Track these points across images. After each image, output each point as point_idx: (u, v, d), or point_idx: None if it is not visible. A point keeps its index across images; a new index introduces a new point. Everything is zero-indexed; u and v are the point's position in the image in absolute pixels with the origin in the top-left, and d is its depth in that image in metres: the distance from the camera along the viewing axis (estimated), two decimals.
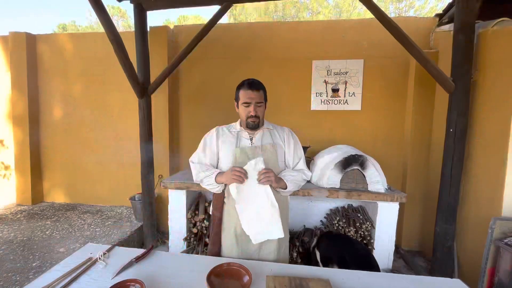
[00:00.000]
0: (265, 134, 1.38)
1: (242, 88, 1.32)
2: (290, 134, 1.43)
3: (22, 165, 3.54)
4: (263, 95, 1.33)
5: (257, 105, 1.30)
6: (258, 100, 1.30)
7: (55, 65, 3.51)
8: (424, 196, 2.87)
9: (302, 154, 1.44)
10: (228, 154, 1.34)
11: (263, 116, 1.37)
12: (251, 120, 1.31)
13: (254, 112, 1.29)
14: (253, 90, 1.29)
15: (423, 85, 2.75)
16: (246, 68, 3.15)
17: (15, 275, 1.99)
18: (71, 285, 1.01)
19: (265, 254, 1.34)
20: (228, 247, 1.35)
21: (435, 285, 1.05)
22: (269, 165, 1.31)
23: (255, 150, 1.32)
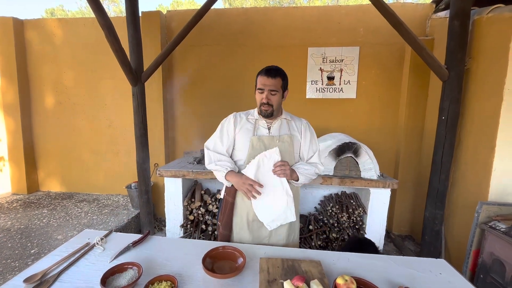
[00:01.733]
0: (283, 124, 1.36)
1: (260, 74, 1.28)
2: (308, 127, 1.41)
3: (16, 154, 3.50)
4: (281, 83, 1.28)
5: (271, 92, 1.25)
6: (273, 87, 1.25)
7: (45, 52, 3.41)
8: (415, 182, 2.95)
9: (317, 147, 1.42)
10: (245, 142, 1.32)
11: (278, 105, 1.31)
12: (264, 108, 1.28)
13: (266, 100, 1.25)
14: (269, 76, 1.25)
15: (418, 73, 2.76)
16: (241, 55, 3.11)
17: (14, 261, 2.02)
18: (70, 268, 1.03)
19: (276, 240, 1.36)
20: (239, 232, 1.37)
21: (420, 265, 1.11)
22: (285, 157, 1.31)
23: (273, 139, 1.31)
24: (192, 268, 1.03)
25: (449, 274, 1.05)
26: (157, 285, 0.90)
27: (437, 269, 1.08)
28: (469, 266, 1.91)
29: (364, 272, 1.02)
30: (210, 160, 1.35)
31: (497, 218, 1.79)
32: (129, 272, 0.98)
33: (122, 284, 0.91)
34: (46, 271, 1.00)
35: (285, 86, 1.32)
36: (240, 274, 0.99)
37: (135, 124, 2.64)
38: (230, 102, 3.11)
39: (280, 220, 1.33)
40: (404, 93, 2.87)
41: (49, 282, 0.94)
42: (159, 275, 0.95)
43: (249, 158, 1.32)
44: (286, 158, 1.31)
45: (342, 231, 2.38)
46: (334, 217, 2.41)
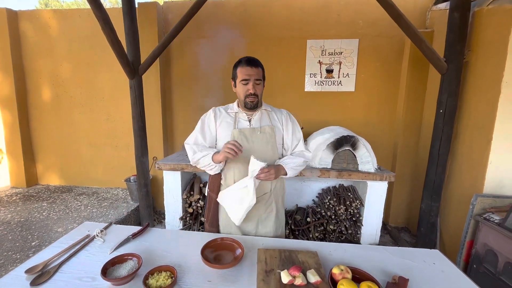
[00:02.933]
0: (264, 115, 1.35)
1: (240, 65, 1.26)
2: (288, 117, 1.40)
3: (14, 148, 3.49)
4: (262, 73, 1.27)
5: (256, 82, 1.24)
6: (257, 77, 1.24)
7: (40, 44, 3.36)
8: (412, 175, 2.98)
9: (301, 136, 1.42)
10: (226, 136, 1.31)
11: (262, 95, 1.31)
12: (250, 99, 1.26)
13: (253, 90, 1.24)
14: (252, 66, 1.23)
15: (417, 66, 2.75)
16: (240, 47, 3.08)
17: (15, 253, 2.05)
18: (70, 260, 1.05)
19: (264, 233, 1.37)
20: (226, 227, 1.38)
21: (415, 255, 1.13)
22: (268, 148, 1.31)
23: (254, 131, 1.30)
24: (191, 259, 1.05)
25: (443, 264, 1.08)
26: (156, 276, 0.92)
27: (431, 259, 1.11)
28: (463, 256, 1.95)
29: (360, 262, 1.05)
30: (194, 151, 1.31)
31: (491, 210, 1.82)
32: (129, 263, 0.99)
33: (122, 274, 0.93)
34: (47, 262, 1.02)
35: (264, 77, 1.32)
36: (238, 265, 1.01)
37: (133, 117, 2.63)
38: (228, 95, 3.09)
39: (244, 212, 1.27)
40: (403, 87, 2.87)
41: (50, 273, 0.96)
42: (158, 265, 0.97)
43: None
44: (268, 149, 1.31)
45: (339, 223, 2.41)
46: (332, 210, 2.43)
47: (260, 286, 0.88)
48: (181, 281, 0.92)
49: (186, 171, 2.46)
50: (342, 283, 0.84)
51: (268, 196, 1.37)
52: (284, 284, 0.88)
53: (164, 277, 0.91)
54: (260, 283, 0.89)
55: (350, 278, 0.89)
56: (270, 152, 1.33)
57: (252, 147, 1.28)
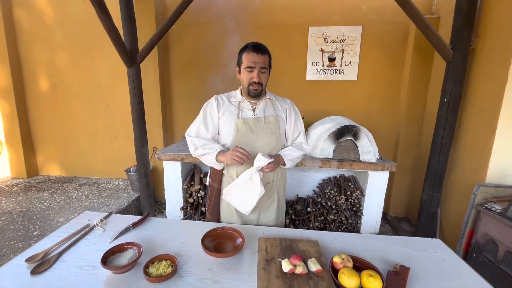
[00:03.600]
0: (268, 104, 1.31)
1: (246, 51, 1.20)
2: (292, 107, 1.37)
3: (13, 138, 3.48)
4: (268, 61, 1.22)
5: (261, 70, 1.19)
6: (263, 65, 1.19)
7: (35, 31, 3.28)
8: (414, 165, 2.96)
9: (302, 128, 1.40)
10: (230, 126, 1.27)
11: (266, 84, 1.26)
12: (254, 87, 1.21)
13: (258, 78, 1.19)
14: (258, 53, 1.17)
15: (421, 54, 2.69)
16: (240, 34, 3.00)
17: (17, 242, 2.07)
18: (71, 248, 1.04)
19: (265, 222, 1.38)
20: (227, 216, 1.38)
21: (416, 244, 1.13)
22: (272, 138, 1.29)
23: (258, 121, 1.27)
24: (191, 248, 1.04)
25: (444, 253, 1.07)
26: (157, 264, 0.92)
27: (432, 248, 1.10)
28: (462, 245, 1.96)
29: (360, 251, 1.04)
30: (196, 146, 1.27)
31: (493, 199, 1.81)
32: (129, 252, 0.99)
33: (122, 263, 0.93)
34: (47, 251, 1.02)
35: (271, 64, 1.27)
36: (239, 254, 1.01)
37: (132, 107, 2.60)
38: (228, 83, 3.04)
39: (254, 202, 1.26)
40: (406, 75, 2.81)
41: (50, 262, 0.95)
42: (159, 254, 0.96)
43: (235, 143, 1.27)
44: (272, 140, 1.29)
45: (339, 213, 2.41)
46: (332, 200, 2.43)
47: (260, 274, 0.87)
48: (182, 269, 0.92)
49: (186, 161, 2.45)
50: (343, 271, 0.83)
51: (270, 186, 1.36)
52: (285, 272, 0.87)
53: (164, 265, 0.91)
54: (261, 272, 0.89)
55: (351, 267, 0.89)
56: (274, 143, 1.31)
57: (256, 138, 1.26)
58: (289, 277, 0.86)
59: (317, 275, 0.86)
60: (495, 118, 1.86)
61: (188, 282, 0.86)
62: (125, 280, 0.87)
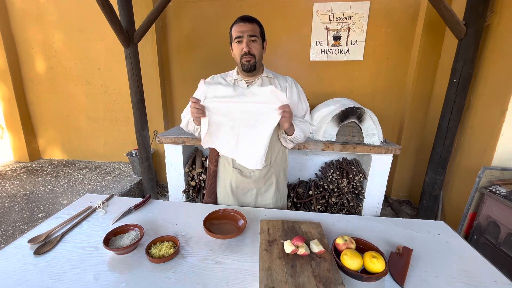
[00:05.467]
0: (265, 82, 1.25)
1: (234, 24, 1.16)
2: (294, 85, 1.29)
3: (13, 122, 3.45)
4: (258, 29, 1.15)
5: (250, 38, 1.12)
6: (251, 33, 1.12)
7: (28, 10, 3.15)
8: (418, 148, 2.92)
9: (307, 107, 1.32)
10: None
11: (260, 56, 1.19)
12: (245, 59, 1.15)
13: (247, 48, 1.12)
14: (245, 22, 1.12)
15: (432, 31, 2.55)
16: (240, 11, 2.86)
17: (22, 224, 2.11)
18: (73, 230, 1.05)
19: (263, 205, 1.35)
20: (223, 198, 1.37)
21: (419, 226, 1.12)
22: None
23: None
24: (193, 229, 1.04)
25: (447, 235, 1.06)
26: (159, 245, 0.92)
27: (436, 230, 1.09)
28: (464, 228, 1.97)
29: (363, 233, 1.03)
30: (183, 116, 1.27)
31: (498, 182, 1.79)
32: (131, 233, 0.99)
33: (124, 244, 0.93)
34: (50, 232, 1.02)
35: (264, 36, 1.19)
36: (241, 235, 1.00)
37: (131, 89, 2.54)
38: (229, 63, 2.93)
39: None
40: (415, 55, 2.69)
41: (53, 243, 0.96)
42: (161, 235, 0.96)
43: None
44: None
45: (341, 196, 2.42)
46: (334, 183, 2.43)
47: (263, 255, 0.87)
48: (184, 250, 0.92)
49: (188, 144, 2.42)
50: (346, 253, 0.83)
51: (267, 169, 1.32)
52: (287, 253, 0.87)
53: (166, 246, 0.91)
54: (263, 253, 0.88)
55: (354, 248, 0.88)
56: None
57: None
58: (291, 258, 0.85)
59: (319, 256, 0.86)
60: (506, 99, 1.79)
61: (190, 263, 0.86)
62: (128, 261, 0.87)
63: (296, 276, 0.77)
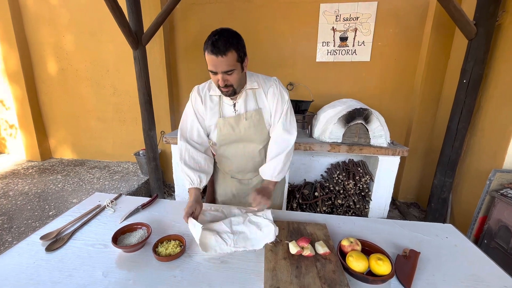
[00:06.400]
0: (249, 96, 1.15)
1: (206, 50, 0.97)
2: (275, 86, 1.15)
3: (25, 123, 3.55)
4: (235, 57, 0.97)
5: (227, 74, 0.99)
6: (226, 68, 0.97)
7: (41, 13, 3.24)
8: (426, 150, 2.87)
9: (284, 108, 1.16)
10: (213, 123, 1.19)
11: (240, 81, 1.07)
12: (224, 90, 1.06)
13: (223, 83, 1.01)
14: (218, 55, 0.94)
15: (441, 32, 2.51)
16: (246, 12, 2.88)
17: (34, 221, 2.16)
18: (83, 228, 1.07)
19: None
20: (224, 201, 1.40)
21: (427, 229, 1.10)
22: (257, 132, 1.18)
23: (240, 118, 1.15)
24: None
25: (456, 238, 1.04)
26: (166, 244, 0.93)
27: (444, 233, 1.08)
28: (473, 232, 1.92)
29: (369, 235, 1.03)
30: (181, 156, 1.19)
31: (509, 185, 1.75)
32: (139, 232, 1.01)
33: (132, 242, 0.95)
34: (61, 229, 1.05)
35: (243, 56, 1.02)
36: None
37: (139, 90, 2.58)
38: None
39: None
40: (423, 55, 2.65)
41: (64, 240, 0.98)
42: (167, 234, 0.98)
43: (220, 142, 1.22)
44: (257, 134, 1.18)
45: (347, 197, 2.40)
46: (340, 184, 2.41)
47: (268, 256, 0.87)
48: (190, 249, 0.93)
49: None
50: (352, 254, 0.82)
51: None
52: (292, 254, 0.87)
53: (173, 245, 0.92)
54: (268, 253, 0.89)
55: (360, 250, 0.87)
56: (259, 137, 1.20)
57: (240, 137, 1.19)
58: (296, 259, 0.86)
59: (324, 258, 0.85)
60: None
61: (196, 262, 0.87)
62: (135, 259, 0.89)
63: (301, 277, 0.77)
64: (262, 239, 0.94)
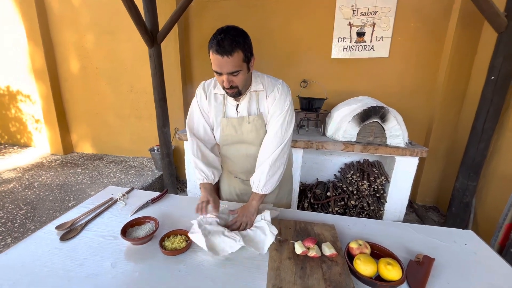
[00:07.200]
0: (252, 99, 1.12)
1: (210, 49, 0.94)
2: (277, 91, 1.09)
3: (50, 118, 3.75)
4: (241, 58, 0.94)
5: (232, 75, 0.96)
6: (231, 69, 0.94)
7: (64, 14, 3.39)
8: (448, 151, 2.72)
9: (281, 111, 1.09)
10: (218, 123, 1.18)
11: (245, 81, 1.04)
12: (229, 91, 1.04)
13: (228, 84, 0.99)
14: (223, 55, 0.91)
15: (468, 25, 2.35)
16: (261, 10, 2.84)
17: (55, 212, 2.29)
18: (95, 219, 1.11)
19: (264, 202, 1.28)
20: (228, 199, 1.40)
21: (444, 234, 1.03)
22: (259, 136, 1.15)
23: (243, 121, 1.13)
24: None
25: (476, 246, 0.98)
26: (172, 238, 0.95)
27: (463, 239, 1.01)
28: (498, 239, 1.80)
29: (380, 238, 0.98)
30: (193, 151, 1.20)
31: None
32: (147, 225, 1.03)
33: (140, 235, 0.97)
34: (75, 220, 1.09)
35: (249, 56, 0.99)
36: None
37: (154, 88, 2.64)
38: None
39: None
40: (447, 51, 2.50)
41: (77, 230, 1.02)
42: (174, 229, 0.99)
43: (222, 142, 1.22)
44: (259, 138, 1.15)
45: (361, 199, 2.32)
46: (354, 185, 2.34)
47: (272, 255, 0.86)
48: (195, 244, 0.93)
49: None
50: (359, 257, 0.79)
51: None
52: (297, 254, 0.85)
53: (179, 240, 0.93)
54: (273, 252, 0.87)
55: (369, 253, 0.84)
56: (261, 141, 1.16)
57: (241, 137, 1.17)
58: (301, 259, 0.83)
59: (331, 259, 0.83)
60: None
61: (201, 257, 0.88)
62: (143, 251, 0.91)
63: (305, 278, 0.75)
64: (267, 243, 0.92)
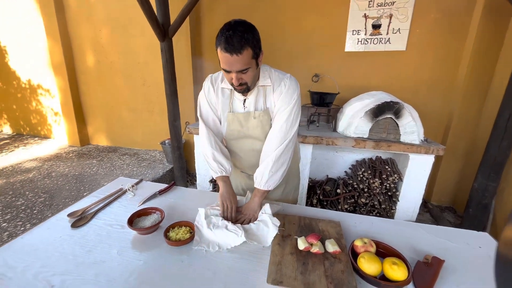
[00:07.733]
0: (260, 94, 1.10)
1: (218, 46, 0.92)
2: (284, 85, 1.06)
3: (67, 111, 3.90)
4: (251, 55, 0.92)
5: (241, 72, 0.95)
6: (241, 67, 0.92)
7: (81, 9, 3.49)
8: (468, 149, 2.58)
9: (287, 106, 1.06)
10: (224, 116, 1.17)
11: (254, 78, 1.03)
12: (237, 88, 1.02)
13: (237, 82, 0.97)
14: (232, 54, 0.89)
15: (493, 16, 2.20)
16: (273, 3, 2.79)
17: (71, 201, 2.39)
18: (105, 209, 1.15)
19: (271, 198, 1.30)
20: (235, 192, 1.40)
21: (456, 236, 0.98)
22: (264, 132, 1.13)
23: (249, 116, 1.11)
24: None
25: (491, 249, 0.92)
26: (177, 229, 0.96)
27: (477, 242, 0.96)
28: None
29: (387, 237, 0.95)
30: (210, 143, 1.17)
31: None
32: (153, 216, 1.05)
33: (146, 225, 0.99)
34: (86, 209, 1.13)
35: (258, 52, 0.96)
36: None
37: (165, 81, 2.67)
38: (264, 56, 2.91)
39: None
40: (470, 43, 2.35)
41: (87, 218, 1.06)
42: (179, 220, 1.01)
43: (228, 136, 1.21)
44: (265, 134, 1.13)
45: (372, 197, 2.26)
46: (365, 182, 2.28)
47: (274, 249, 0.85)
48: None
49: None
50: (363, 255, 0.77)
51: None
52: (300, 250, 0.84)
53: (183, 231, 0.95)
54: (275, 247, 0.86)
55: (374, 252, 0.81)
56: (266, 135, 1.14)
57: (247, 133, 1.16)
58: (303, 255, 0.82)
59: (334, 257, 0.81)
60: None
61: (204, 249, 0.88)
62: (148, 241, 0.93)
63: (306, 273, 0.74)
64: (270, 236, 0.91)
